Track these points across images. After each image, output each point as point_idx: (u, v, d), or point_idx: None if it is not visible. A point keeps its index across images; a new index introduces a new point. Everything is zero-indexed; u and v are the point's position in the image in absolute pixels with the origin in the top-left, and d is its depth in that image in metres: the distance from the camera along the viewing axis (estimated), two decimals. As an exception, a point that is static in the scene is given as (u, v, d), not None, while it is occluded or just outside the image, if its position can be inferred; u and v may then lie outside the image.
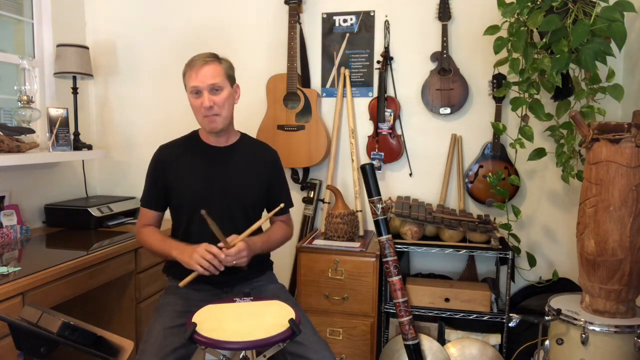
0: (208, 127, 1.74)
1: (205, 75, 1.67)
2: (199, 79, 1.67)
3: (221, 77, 1.70)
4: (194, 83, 1.68)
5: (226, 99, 1.72)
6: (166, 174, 1.78)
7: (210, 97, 1.68)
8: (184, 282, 1.61)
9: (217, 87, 1.69)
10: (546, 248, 2.50)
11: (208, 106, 1.67)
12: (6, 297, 1.56)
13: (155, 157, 1.82)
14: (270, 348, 1.37)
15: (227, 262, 1.59)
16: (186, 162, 1.79)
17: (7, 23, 2.55)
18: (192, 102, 1.71)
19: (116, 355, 1.30)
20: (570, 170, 2.15)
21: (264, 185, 1.86)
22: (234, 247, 1.59)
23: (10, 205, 2.30)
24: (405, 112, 2.60)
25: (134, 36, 2.89)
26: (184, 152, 1.81)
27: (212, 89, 1.68)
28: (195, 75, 1.67)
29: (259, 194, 1.85)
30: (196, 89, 1.68)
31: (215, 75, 1.68)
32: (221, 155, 1.81)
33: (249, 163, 1.83)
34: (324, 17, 2.64)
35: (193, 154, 1.80)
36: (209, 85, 1.67)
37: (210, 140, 1.82)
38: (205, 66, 1.68)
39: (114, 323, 2.24)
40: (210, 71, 1.68)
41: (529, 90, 2.09)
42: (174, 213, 1.83)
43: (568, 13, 1.87)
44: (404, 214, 2.29)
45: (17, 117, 2.32)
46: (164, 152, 1.82)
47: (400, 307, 2.13)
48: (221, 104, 1.70)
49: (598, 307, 1.74)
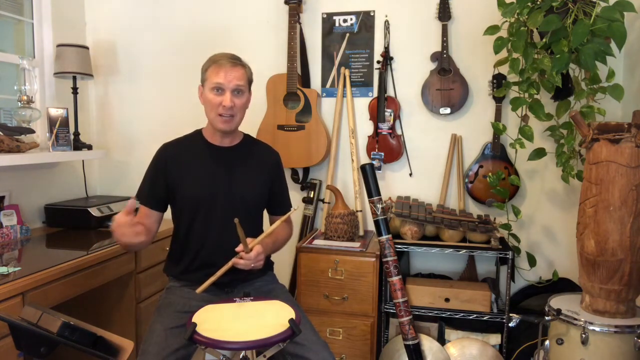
0: (221, 126, 1.74)
1: (233, 76, 1.70)
2: (227, 78, 1.69)
3: (245, 81, 1.74)
4: (219, 80, 1.69)
5: (244, 104, 1.76)
6: (170, 173, 1.78)
7: (232, 98, 1.70)
8: (201, 288, 1.60)
9: (240, 89, 1.72)
10: (546, 248, 2.50)
11: (229, 106, 1.69)
12: (6, 297, 1.55)
13: (158, 155, 1.81)
14: (270, 348, 1.37)
15: (245, 266, 1.61)
16: (190, 161, 1.79)
17: (7, 23, 2.55)
18: (209, 97, 1.71)
19: (116, 355, 1.30)
20: (570, 170, 2.15)
21: (267, 186, 1.87)
22: (253, 251, 1.61)
23: (10, 205, 2.30)
24: (405, 112, 2.60)
25: (134, 36, 2.89)
26: (188, 151, 1.81)
27: (236, 90, 1.71)
28: (224, 73, 1.69)
29: (262, 194, 1.86)
30: (220, 86, 1.69)
31: (241, 78, 1.72)
32: (226, 155, 1.82)
33: (253, 164, 1.85)
34: (324, 17, 2.64)
35: (197, 153, 1.81)
36: (235, 86, 1.70)
37: (215, 140, 1.82)
38: (234, 68, 1.71)
39: (114, 323, 2.24)
40: (239, 74, 1.71)
41: (529, 90, 2.09)
42: (176, 212, 1.82)
43: (568, 13, 1.87)
44: (404, 214, 2.29)
45: (17, 117, 2.32)
46: (168, 151, 1.82)
47: (400, 307, 2.13)
48: (240, 107, 1.74)
49: (598, 307, 1.74)
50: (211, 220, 1.76)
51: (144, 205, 1.79)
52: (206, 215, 1.76)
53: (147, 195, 1.80)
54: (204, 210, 1.76)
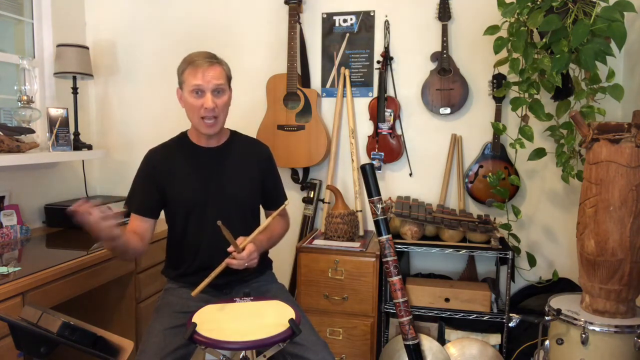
0: (205, 130, 1.70)
1: (211, 76, 1.64)
2: (205, 79, 1.63)
3: (224, 79, 1.68)
4: (198, 82, 1.63)
5: (226, 102, 1.70)
6: (158, 179, 1.74)
7: (213, 99, 1.65)
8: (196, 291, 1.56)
9: (221, 89, 1.67)
10: (546, 248, 2.50)
11: (211, 107, 1.64)
12: (6, 297, 1.55)
13: (145, 162, 1.77)
14: (270, 348, 1.37)
15: (239, 266, 1.56)
16: (178, 166, 1.75)
17: (7, 23, 2.55)
18: (190, 101, 1.66)
19: (116, 355, 1.30)
20: (570, 170, 2.15)
21: (259, 182, 1.83)
22: (245, 250, 1.57)
23: (10, 205, 2.29)
24: (405, 112, 2.60)
25: (134, 36, 2.89)
26: (174, 155, 1.77)
27: (216, 90, 1.66)
28: (201, 74, 1.63)
29: (255, 191, 1.82)
30: (199, 88, 1.64)
31: (220, 77, 1.66)
32: (213, 156, 1.78)
33: (242, 162, 1.81)
34: (324, 17, 2.64)
35: (184, 156, 1.76)
36: (215, 86, 1.65)
37: (201, 142, 1.77)
38: (211, 67, 1.65)
39: (114, 323, 2.24)
40: (216, 72, 1.66)
41: (529, 90, 2.09)
42: (169, 217, 1.79)
43: (568, 13, 1.87)
44: (404, 214, 2.29)
45: (17, 117, 2.32)
46: (154, 156, 1.77)
47: (400, 307, 2.13)
48: (222, 107, 1.68)
49: (598, 307, 1.74)
50: (205, 222, 1.73)
51: (136, 214, 1.74)
52: (199, 218, 1.73)
53: (139, 203, 1.75)
54: (197, 213, 1.73)
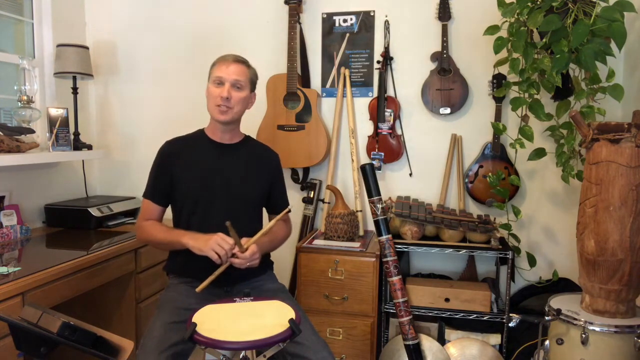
0: (217, 116, 1.79)
1: (233, 71, 1.77)
2: (227, 71, 1.76)
3: (245, 78, 1.80)
4: (220, 74, 1.76)
5: (242, 98, 1.80)
6: (171, 167, 1.82)
7: (230, 90, 1.76)
8: (201, 287, 1.62)
9: (240, 84, 1.78)
10: (546, 248, 2.50)
11: (225, 97, 1.74)
12: (6, 297, 1.56)
13: (161, 151, 1.86)
14: (270, 348, 1.37)
15: (241, 265, 1.64)
16: (191, 156, 1.83)
17: (7, 23, 2.55)
18: (210, 90, 1.79)
19: (116, 355, 1.30)
20: (570, 170, 2.15)
21: (266, 185, 1.90)
22: (248, 250, 1.65)
23: (10, 205, 2.30)
24: (405, 112, 2.60)
25: (134, 36, 2.89)
26: (189, 146, 1.86)
27: (235, 84, 1.77)
28: (225, 67, 1.77)
29: (261, 192, 1.89)
30: (220, 79, 1.76)
31: (241, 74, 1.79)
32: (226, 151, 1.86)
33: (252, 162, 1.88)
34: (324, 17, 2.64)
35: (198, 148, 1.85)
36: (234, 79, 1.76)
37: (215, 137, 1.86)
38: (236, 63, 1.78)
39: (114, 323, 2.24)
40: (239, 69, 1.78)
41: (529, 90, 2.09)
42: (176, 206, 1.85)
43: (568, 13, 1.87)
44: (404, 214, 2.29)
45: (17, 117, 2.32)
46: (170, 146, 1.87)
47: (400, 307, 2.13)
48: (237, 100, 1.78)
49: (598, 307, 1.74)
50: (210, 215, 1.78)
51: (154, 202, 1.84)
52: (205, 210, 1.79)
53: (152, 189, 1.85)
54: (203, 205, 1.79)
